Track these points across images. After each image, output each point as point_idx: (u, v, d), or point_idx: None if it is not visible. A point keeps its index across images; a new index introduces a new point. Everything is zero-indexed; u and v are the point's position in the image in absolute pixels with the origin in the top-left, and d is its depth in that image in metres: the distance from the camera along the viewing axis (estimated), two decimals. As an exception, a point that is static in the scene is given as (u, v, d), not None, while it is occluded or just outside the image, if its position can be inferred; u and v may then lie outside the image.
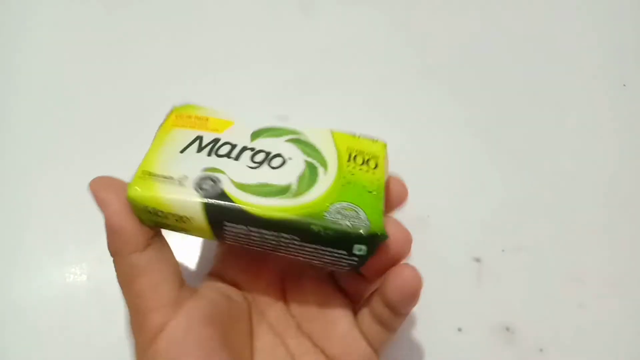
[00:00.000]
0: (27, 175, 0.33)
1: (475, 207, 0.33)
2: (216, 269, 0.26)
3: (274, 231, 0.21)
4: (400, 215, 0.32)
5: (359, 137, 0.24)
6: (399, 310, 0.23)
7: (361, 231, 0.21)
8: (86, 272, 0.31)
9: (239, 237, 0.22)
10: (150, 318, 0.21)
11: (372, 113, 0.36)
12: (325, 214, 0.21)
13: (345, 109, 0.36)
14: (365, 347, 0.24)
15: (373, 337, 0.24)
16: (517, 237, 0.32)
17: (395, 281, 0.22)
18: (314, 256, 0.22)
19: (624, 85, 0.37)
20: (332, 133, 0.24)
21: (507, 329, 0.30)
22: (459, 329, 0.30)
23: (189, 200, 0.21)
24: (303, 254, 0.22)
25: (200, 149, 0.23)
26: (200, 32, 0.38)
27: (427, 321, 0.30)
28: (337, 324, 0.24)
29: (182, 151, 0.22)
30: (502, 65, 0.38)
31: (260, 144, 0.23)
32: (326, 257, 0.22)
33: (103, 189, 0.22)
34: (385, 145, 0.25)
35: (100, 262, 0.31)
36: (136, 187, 0.21)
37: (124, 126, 0.35)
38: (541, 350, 0.29)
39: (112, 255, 0.22)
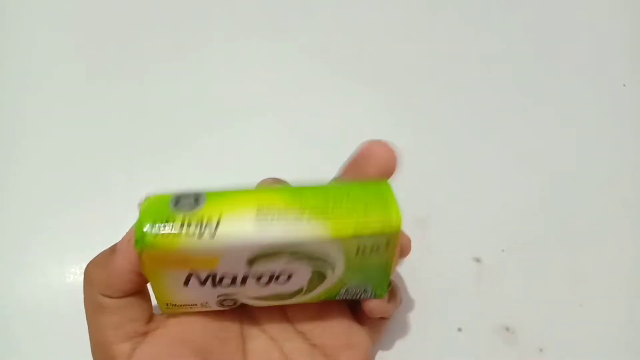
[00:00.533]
0: (27, 175, 0.33)
1: (475, 207, 0.33)
2: None
3: None
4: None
5: (365, 236, 0.20)
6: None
7: (370, 297, 0.24)
8: (86, 272, 0.31)
9: None
10: (115, 349, 0.21)
11: (372, 113, 0.36)
12: (337, 296, 0.23)
13: (345, 109, 0.36)
14: (366, 337, 0.25)
15: (370, 328, 0.25)
16: (517, 237, 0.32)
17: (365, 308, 0.24)
18: None
19: (624, 85, 0.37)
20: (335, 237, 0.20)
21: (507, 329, 0.30)
22: (459, 329, 0.30)
23: (218, 310, 0.23)
24: None
25: (202, 283, 0.21)
26: (201, 32, 0.38)
27: (427, 321, 0.30)
28: (337, 319, 0.25)
29: (185, 285, 0.21)
30: (502, 65, 0.38)
31: (260, 269, 0.21)
32: None
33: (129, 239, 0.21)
34: (399, 227, 0.20)
35: (100, 262, 0.31)
36: (170, 313, 0.23)
37: (125, 127, 0.35)
38: (541, 350, 0.29)
39: (85, 280, 0.22)
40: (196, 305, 0.22)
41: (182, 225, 0.19)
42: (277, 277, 0.21)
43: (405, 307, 0.30)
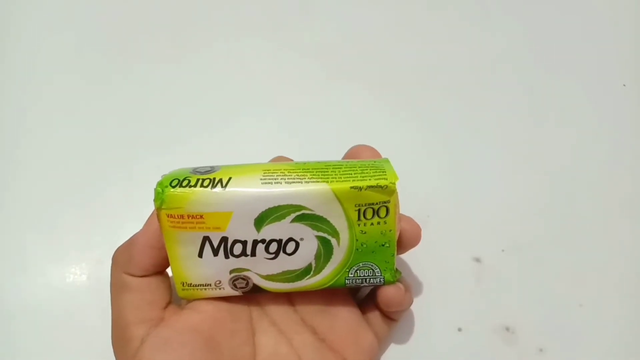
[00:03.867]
0: (27, 175, 0.33)
1: (475, 207, 0.33)
2: None
3: None
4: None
5: (365, 189, 0.22)
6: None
7: (378, 284, 0.25)
8: (86, 272, 0.31)
9: None
10: (132, 331, 0.22)
11: (372, 113, 0.36)
12: (346, 279, 0.24)
13: (345, 109, 0.36)
14: (372, 337, 0.26)
15: (378, 325, 0.26)
16: (517, 237, 0.32)
17: (381, 298, 0.25)
18: None
19: (624, 85, 0.37)
20: (335, 192, 0.22)
21: (507, 329, 0.30)
22: (459, 329, 0.30)
23: (233, 294, 0.24)
24: None
25: (215, 251, 0.23)
26: (200, 32, 0.38)
27: (427, 321, 0.30)
28: (344, 316, 0.25)
29: (200, 255, 0.23)
30: (502, 65, 0.38)
31: (268, 232, 0.22)
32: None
33: (153, 222, 0.23)
34: (394, 185, 0.22)
35: (100, 262, 0.31)
36: (185, 296, 0.24)
37: (125, 127, 0.35)
38: (541, 350, 0.29)
39: (112, 263, 0.24)
40: (210, 285, 0.23)
41: (197, 182, 0.22)
42: (285, 246, 0.23)
43: (405, 307, 0.30)
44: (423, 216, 0.32)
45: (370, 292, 0.28)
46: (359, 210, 0.22)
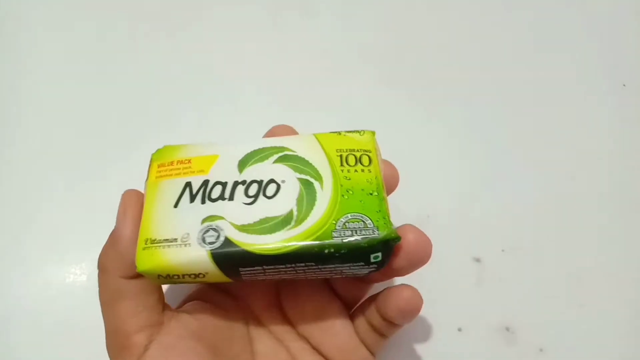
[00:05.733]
0: (27, 175, 0.33)
1: (475, 207, 0.33)
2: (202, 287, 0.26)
3: (289, 264, 0.21)
4: (401, 215, 0.32)
5: (344, 134, 0.23)
6: (397, 324, 0.24)
7: (373, 241, 0.21)
8: (86, 272, 0.31)
9: (257, 275, 0.21)
10: (133, 340, 0.21)
11: (372, 113, 0.36)
12: (333, 233, 0.21)
13: (346, 106, 0.36)
14: (364, 351, 0.25)
15: (370, 342, 0.25)
16: (517, 237, 0.32)
17: (396, 301, 0.23)
18: (334, 272, 0.22)
19: (624, 85, 0.37)
20: (317, 137, 0.23)
21: (507, 329, 0.30)
22: (459, 329, 0.30)
23: (198, 259, 0.20)
24: (323, 273, 0.22)
25: (192, 197, 0.22)
26: (200, 32, 0.38)
27: (427, 321, 0.30)
28: (335, 330, 0.24)
29: (175, 205, 0.22)
30: (501, 65, 0.38)
31: (250, 173, 0.22)
32: (345, 270, 0.22)
33: (130, 206, 0.22)
34: (373, 134, 0.24)
35: (100, 262, 0.31)
36: (143, 260, 0.21)
37: (124, 126, 0.35)
38: (541, 350, 0.29)
39: (100, 270, 0.22)
40: (176, 240, 0.21)
41: (190, 144, 0.23)
42: (265, 188, 0.22)
43: (405, 307, 0.30)
44: (423, 216, 0.32)
45: (362, 304, 0.26)
46: (341, 156, 0.23)
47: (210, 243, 0.21)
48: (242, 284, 0.25)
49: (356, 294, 0.26)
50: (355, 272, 0.22)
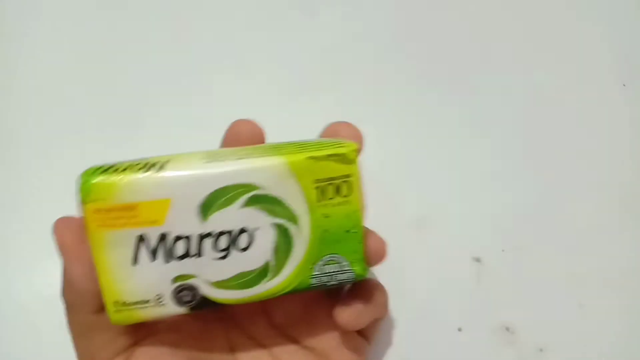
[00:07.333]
0: (26, 174, 0.33)
1: (475, 207, 0.33)
2: None
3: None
4: (401, 215, 0.32)
5: (322, 158, 0.20)
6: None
7: (348, 282, 0.21)
8: (86, 272, 0.31)
9: None
10: None
11: (372, 113, 0.36)
12: (311, 278, 0.21)
13: (343, 108, 0.36)
14: (357, 336, 0.25)
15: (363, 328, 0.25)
16: (517, 237, 0.32)
17: (337, 321, 0.23)
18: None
19: (624, 85, 0.37)
20: (290, 165, 0.19)
21: (507, 329, 0.30)
22: (459, 329, 0.30)
23: (178, 313, 0.20)
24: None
25: (152, 255, 0.19)
26: (200, 32, 0.38)
27: (427, 321, 0.30)
28: (326, 321, 0.24)
29: (134, 262, 0.19)
30: (501, 65, 0.38)
31: (215, 223, 0.19)
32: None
33: (68, 241, 0.20)
34: (354, 153, 0.20)
35: (100, 262, 0.31)
36: (120, 320, 0.20)
37: (125, 125, 0.35)
38: (541, 350, 0.29)
39: (67, 307, 0.21)
40: (149, 302, 0.19)
41: (128, 167, 0.19)
42: (237, 239, 0.19)
43: (405, 307, 0.30)
44: (423, 216, 0.32)
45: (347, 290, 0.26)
46: (318, 188, 0.20)
47: (187, 302, 0.20)
48: None
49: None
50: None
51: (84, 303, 0.20)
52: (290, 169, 0.19)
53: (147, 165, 0.19)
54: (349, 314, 0.22)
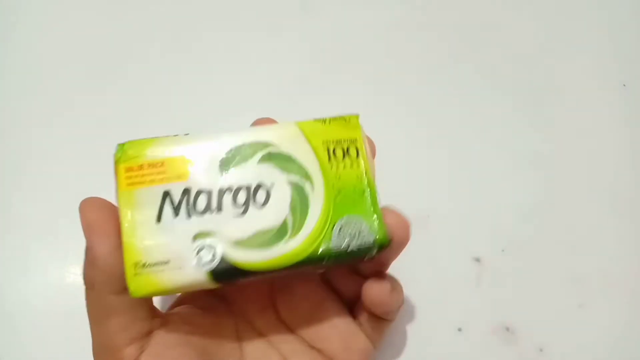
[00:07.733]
0: (26, 174, 0.33)
1: (475, 207, 0.33)
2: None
3: (288, 271, 0.21)
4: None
5: (329, 121, 0.22)
6: (385, 319, 0.25)
7: (370, 248, 0.21)
8: (86, 272, 0.31)
9: (253, 281, 0.21)
10: (124, 353, 0.21)
11: (372, 112, 0.36)
12: (331, 242, 0.21)
13: (343, 107, 0.36)
14: (365, 340, 0.25)
15: (371, 330, 0.25)
16: (517, 237, 0.32)
17: (366, 296, 0.23)
18: (330, 268, 0.22)
19: (624, 85, 0.37)
20: (300, 126, 0.21)
21: (507, 329, 0.30)
22: (459, 329, 0.30)
23: (197, 280, 0.20)
24: (315, 270, 0.22)
25: (176, 210, 0.20)
26: (200, 32, 0.38)
27: (427, 321, 0.30)
28: (334, 322, 0.24)
29: (158, 219, 0.20)
30: (501, 66, 0.38)
31: (234, 177, 0.20)
32: (341, 265, 0.22)
33: (97, 219, 0.21)
34: (358, 118, 0.22)
35: (100, 262, 0.31)
36: (138, 288, 0.19)
37: (124, 126, 0.35)
38: (541, 350, 0.29)
39: (87, 287, 0.22)
40: (169, 263, 0.20)
41: (156, 137, 0.21)
42: (254, 195, 0.20)
43: (405, 307, 0.30)
44: (423, 216, 0.32)
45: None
46: (328, 149, 0.21)
47: (207, 263, 0.20)
48: (233, 287, 0.25)
49: (354, 288, 0.25)
50: (350, 265, 0.23)
51: (106, 282, 0.20)
52: (299, 129, 0.21)
53: (175, 135, 0.21)
54: (379, 289, 0.23)
